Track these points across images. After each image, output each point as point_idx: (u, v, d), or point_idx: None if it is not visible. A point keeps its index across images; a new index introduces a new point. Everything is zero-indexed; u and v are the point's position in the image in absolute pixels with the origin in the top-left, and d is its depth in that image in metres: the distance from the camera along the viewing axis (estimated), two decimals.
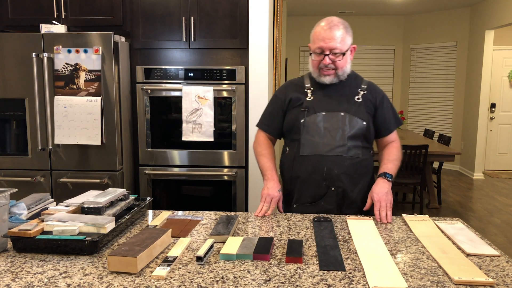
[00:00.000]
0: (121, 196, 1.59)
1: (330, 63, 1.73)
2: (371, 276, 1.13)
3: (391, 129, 1.86)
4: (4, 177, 2.89)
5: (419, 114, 7.63)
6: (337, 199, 1.75)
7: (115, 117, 2.80)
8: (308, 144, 1.75)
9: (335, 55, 1.72)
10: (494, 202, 5.30)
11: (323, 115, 1.75)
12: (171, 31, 2.93)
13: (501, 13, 5.89)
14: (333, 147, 1.73)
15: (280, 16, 4.07)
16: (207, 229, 1.51)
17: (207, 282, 1.10)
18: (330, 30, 1.71)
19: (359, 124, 1.75)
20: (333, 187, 1.74)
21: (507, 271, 1.18)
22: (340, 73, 1.76)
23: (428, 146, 4.35)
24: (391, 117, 1.86)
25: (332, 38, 1.70)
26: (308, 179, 1.76)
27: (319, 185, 1.74)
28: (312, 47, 1.77)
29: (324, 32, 1.71)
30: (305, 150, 1.75)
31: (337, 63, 1.74)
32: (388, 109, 1.85)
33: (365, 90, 1.82)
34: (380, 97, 1.84)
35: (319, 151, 1.73)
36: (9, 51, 2.79)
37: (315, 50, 1.74)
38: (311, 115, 1.76)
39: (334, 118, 1.75)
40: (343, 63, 1.75)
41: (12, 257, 1.25)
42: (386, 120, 1.84)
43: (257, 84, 2.90)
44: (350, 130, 1.74)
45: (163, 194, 3.07)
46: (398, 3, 6.67)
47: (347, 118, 1.74)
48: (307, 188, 1.77)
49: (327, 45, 1.71)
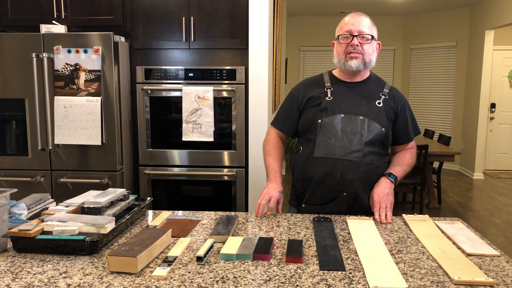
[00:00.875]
0: (121, 196, 1.59)
1: (358, 45, 1.70)
2: (371, 276, 1.13)
3: (410, 138, 1.83)
4: (4, 177, 2.89)
5: (419, 114, 7.63)
6: (347, 203, 1.72)
7: (115, 117, 2.80)
8: (323, 146, 1.70)
9: (363, 38, 1.70)
10: (494, 202, 5.30)
11: (341, 117, 1.70)
12: (171, 31, 2.93)
13: (501, 13, 5.89)
14: (349, 152, 1.68)
15: (280, 16, 4.07)
16: (207, 229, 1.51)
17: (207, 282, 1.10)
18: (359, 16, 1.73)
19: (378, 129, 1.70)
20: (345, 192, 1.70)
21: (507, 271, 1.18)
22: (367, 60, 1.72)
23: (428, 146, 4.36)
24: (411, 125, 1.82)
25: (360, 23, 1.71)
26: (320, 182, 1.71)
27: (331, 189, 1.70)
28: (340, 32, 1.74)
29: (353, 18, 1.73)
30: (320, 152, 1.70)
31: (364, 47, 1.71)
32: (409, 117, 1.81)
33: (387, 94, 1.77)
34: (402, 104, 1.79)
35: (334, 154, 1.68)
36: (9, 51, 2.79)
37: (343, 33, 1.71)
38: (329, 116, 1.71)
39: (353, 121, 1.70)
40: (370, 50, 1.72)
41: (12, 257, 1.25)
42: (406, 129, 1.80)
43: (257, 84, 2.90)
44: (368, 135, 1.69)
45: (163, 194, 3.07)
46: (398, 3, 6.67)
47: (366, 122, 1.69)
48: (318, 191, 1.73)
49: (356, 28, 1.70)
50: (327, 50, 7.72)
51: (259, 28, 2.86)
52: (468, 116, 6.83)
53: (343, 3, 6.67)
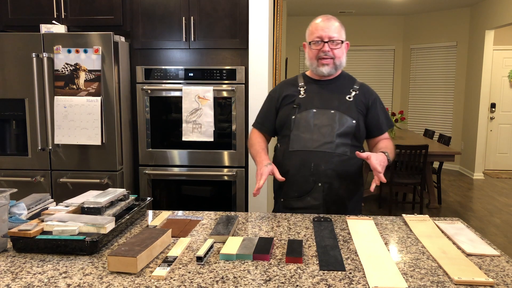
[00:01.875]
0: (121, 196, 1.59)
1: (329, 51, 1.78)
2: (371, 276, 1.13)
3: (383, 129, 1.89)
4: (4, 177, 2.89)
5: (419, 114, 7.63)
6: (323, 194, 1.78)
7: (115, 117, 2.80)
8: (297, 140, 1.79)
9: (334, 43, 1.78)
10: (494, 202, 5.30)
11: (314, 112, 1.80)
12: (171, 31, 2.93)
13: (501, 13, 5.89)
14: (321, 143, 1.76)
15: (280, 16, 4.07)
16: (207, 229, 1.51)
17: (207, 282, 1.10)
18: (328, 21, 1.80)
19: (349, 122, 1.78)
20: (320, 183, 1.77)
21: (507, 271, 1.18)
22: (337, 63, 1.82)
23: (428, 146, 4.35)
24: (383, 118, 1.89)
25: (330, 28, 1.78)
26: (296, 174, 1.79)
27: (306, 180, 1.78)
28: (311, 38, 1.82)
29: (322, 23, 1.80)
30: (294, 146, 1.80)
31: (335, 52, 1.79)
32: (380, 110, 1.88)
33: (357, 90, 1.86)
34: (373, 98, 1.87)
35: (307, 147, 1.77)
36: (9, 51, 2.79)
37: (314, 39, 1.80)
38: (302, 112, 1.81)
39: (325, 115, 1.79)
40: (340, 53, 1.81)
41: (12, 257, 1.25)
42: (379, 121, 1.87)
43: (257, 84, 2.90)
44: (340, 127, 1.77)
45: (163, 194, 3.07)
46: (398, 3, 6.67)
47: (337, 115, 1.78)
48: (294, 183, 1.80)
49: (326, 34, 1.78)
50: None
51: (259, 28, 2.86)
52: (468, 116, 6.83)
53: (343, 3, 6.67)
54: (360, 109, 1.83)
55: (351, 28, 7.77)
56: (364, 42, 7.74)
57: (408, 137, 5.54)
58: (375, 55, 7.78)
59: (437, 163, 5.34)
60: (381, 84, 7.84)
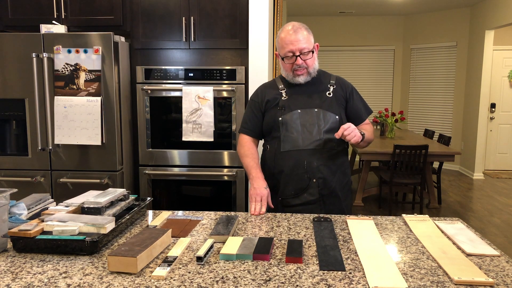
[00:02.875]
0: (121, 196, 1.59)
1: (303, 63, 1.86)
2: (371, 276, 1.13)
3: (363, 118, 1.99)
4: (4, 177, 2.89)
5: (419, 114, 7.63)
6: (319, 189, 1.87)
7: (115, 117, 2.80)
8: (288, 141, 1.87)
9: (305, 54, 1.85)
10: (494, 202, 5.30)
11: (299, 113, 1.88)
12: (171, 31, 2.93)
13: (501, 13, 5.90)
14: (310, 142, 1.86)
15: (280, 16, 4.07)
16: (207, 229, 1.51)
17: (207, 282, 1.10)
18: (295, 33, 1.84)
19: (332, 118, 1.88)
20: (314, 179, 1.86)
21: (507, 271, 1.18)
22: (311, 71, 1.90)
23: (428, 146, 4.35)
24: (362, 107, 1.99)
25: (299, 40, 1.83)
26: (290, 173, 1.87)
27: (301, 178, 1.86)
28: (282, 52, 1.88)
29: (290, 36, 1.84)
30: (286, 146, 1.88)
31: (307, 62, 1.87)
32: (358, 100, 1.99)
33: (334, 84, 1.95)
34: (350, 89, 1.98)
35: (298, 146, 1.86)
36: (9, 51, 2.79)
37: (286, 54, 1.86)
38: (287, 113, 1.88)
39: (309, 114, 1.88)
40: (312, 61, 1.89)
41: (12, 257, 1.25)
42: (358, 111, 1.98)
43: (257, 84, 2.88)
44: (325, 124, 1.87)
45: (163, 194, 3.07)
46: (398, 3, 6.67)
47: (321, 113, 1.88)
48: (290, 182, 1.88)
49: (296, 47, 1.83)
50: (326, 50, 7.73)
51: (259, 28, 2.86)
52: (468, 116, 6.83)
53: (343, 3, 6.67)
54: (340, 102, 1.93)
55: (351, 28, 7.78)
56: (364, 42, 7.74)
57: (408, 137, 5.54)
58: (375, 55, 7.78)
59: (437, 163, 5.34)
60: (381, 84, 7.84)
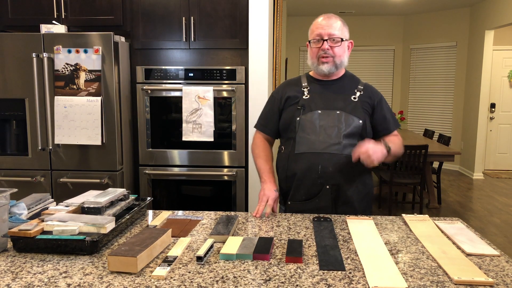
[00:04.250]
0: (121, 196, 1.59)
1: (329, 49, 1.75)
2: (371, 276, 1.13)
3: (390, 129, 1.85)
4: (4, 177, 2.89)
5: (419, 114, 7.63)
6: (331, 196, 1.74)
7: (115, 117, 2.80)
8: (303, 142, 1.75)
9: (334, 41, 1.75)
10: (494, 202, 5.30)
11: (319, 113, 1.76)
12: (171, 31, 2.93)
13: (501, 13, 5.89)
14: (328, 145, 1.72)
15: (280, 16, 4.07)
16: (207, 229, 1.51)
17: (207, 282, 1.10)
18: (328, 19, 1.78)
19: (355, 122, 1.75)
20: (328, 185, 1.73)
21: (507, 271, 1.18)
22: (337, 62, 1.78)
23: (428, 146, 4.35)
24: (390, 117, 1.86)
25: (331, 25, 1.75)
26: (303, 177, 1.75)
27: (314, 183, 1.74)
28: (311, 36, 1.79)
29: (323, 21, 1.77)
30: (300, 148, 1.75)
31: (335, 50, 1.76)
32: (387, 110, 1.85)
33: (361, 90, 1.83)
34: (378, 98, 1.85)
35: (314, 149, 1.73)
36: (9, 51, 2.79)
37: (314, 37, 1.77)
38: (307, 113, 1.77)
39: (330, 116, 1.75)
40: (341, 51, 1.78)
41: (12, 257, 1.25)
42: (385, 121, 1.84)
43: (257, 84, 2.90)
44: (346, 128, 1.74)
45: (163, 194, 3.07)
46: (398, 3, 6.67)
47: (343, 116, 1.75)
48: (302, 186, 1.76)
49: (326, 31, 1.75)
50: None
51: (259, 28, 2.86)
52: (468, 116, 6.83)
53: (343, 3, 6.67)
54: (366, 108, 1.79)
55: (351, 28, 7.68)
56: (364, 42, 7.74)
57: (408, 137, 5.54)
58: (375, 55, 7.78)
59: (436, 163, 5.34)
60: (381, 84, 7.84)
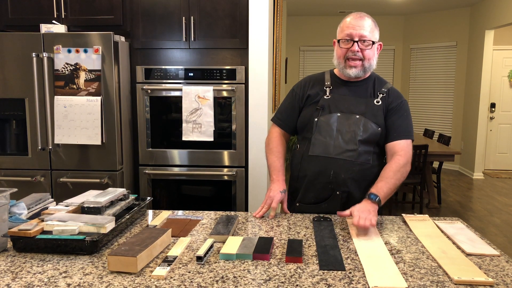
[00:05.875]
0: (121, 196, 1.59)
1: (359, 51, 1.66)
2: (371, 275, 1.13)
3: (395, 137, 1.69)
4: (4, 177, 2.89)
5: (419, 114, 7.63)
6: (341, 202, 1.70)
7: (115, 117, 2.80)
8: (318, 144, 1.70)
9: (364, 43, 1.66)
10: (494, 202, 5.30)
11: (337, 116, 1.70)
12: (171, 31, 2.93)
13: (501, 13, 5.89)
14: (343, 151, 1.67)
15: (280, 16, 4.07)
16: (207, 229, 1.51)
17: (207, 282, 1.10)
18: (360, 19, 1.68)
19: (373, 129, 1.68)
20: (338, 191, 1.69)
21: (507, 271, 1.18)
22: (366, 65, 1.70)
23: (428, 146, 4.35)
24: (401, 126, 1.70)
25: (362, 26, 1.66)
26: (313, 180, 1.71)
27: (324, 187, 1.70)
28: (341, 35, 1.69)
29: (354, 20, 1.68)
30: (315, 150, 1.70)
31: (365, 53, 1.67)
32: (402, 117, 1.70)
33: (385, 93, 1.73)
34: (398, 102, 1.72)
35: (328, 153, 1.68)
36: (9, 51, 2.79)
37: (344, 37, 1.67)
38: (325, 114, 1.71)
39: (349, 120, 1.68)
40: (371, 54, 1.69)
41: (12, 256, 1.25)
42: (394, 126, 1.69)
43: (257, 84, 2.90)
44: (363, 134, 1.67)
45: (163, 194, 3.07)
46: (398, 3, 6.67)
47: (362, 121, 1.67)
48: (311, 189, 1.73)
49: (357, 32, 1.65)
50: (327, 50, 7.72)
51: (259, 28, 2.86)
52: (468, 116, 6.83)
53: (343, 3, 6.67)
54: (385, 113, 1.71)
55: None
56: None
57: None
58: None
59: (436, 163, 5.34)
60: None
